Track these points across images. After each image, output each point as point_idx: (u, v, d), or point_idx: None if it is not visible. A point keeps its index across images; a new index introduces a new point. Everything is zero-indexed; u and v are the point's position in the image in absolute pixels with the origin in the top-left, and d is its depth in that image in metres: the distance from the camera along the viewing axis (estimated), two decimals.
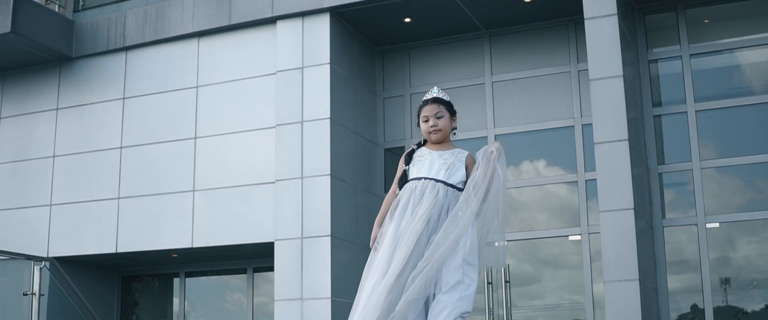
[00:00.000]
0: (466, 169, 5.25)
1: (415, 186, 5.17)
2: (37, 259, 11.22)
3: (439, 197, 5.11)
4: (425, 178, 5.18)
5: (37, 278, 10.62)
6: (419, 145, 5.44)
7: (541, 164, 12.21)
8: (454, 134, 5.43)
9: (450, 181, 5.17)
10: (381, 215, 5.30)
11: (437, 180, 5.15)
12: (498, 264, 5.45)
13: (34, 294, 10.56)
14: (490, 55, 12.56)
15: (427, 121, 5.33)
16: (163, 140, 12.82)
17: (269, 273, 13.02)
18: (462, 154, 5.32)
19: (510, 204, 12.19)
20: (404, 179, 5.28)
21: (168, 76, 13.00)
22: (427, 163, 5.25)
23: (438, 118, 5.31)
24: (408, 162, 5.35)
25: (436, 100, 5.36)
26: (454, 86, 12.60)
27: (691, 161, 11.34)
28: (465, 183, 5.21)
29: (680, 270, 11.34)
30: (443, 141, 5.36)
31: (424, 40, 12.88)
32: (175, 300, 14.40)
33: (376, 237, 5.24)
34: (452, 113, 5.39)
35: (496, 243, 5.40)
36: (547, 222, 12.05)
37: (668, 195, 11.58)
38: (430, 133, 5.34)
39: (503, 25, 12.44)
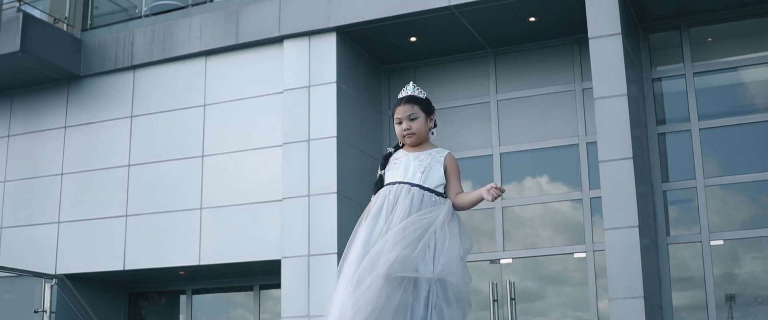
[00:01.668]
0: (445, 170, 4.76)
1: (390, 190, 4.69)
2: (48, 277, 11.29)
3: (415, 202, 4.61)
4: (399, 182, 4.69)
5: (48, 295, 10.69)
6: (396, 148, 4.96)
7: (546, 182, 12.27)
8: (433, 134, 4.94)
9: (426, 185, 4.68)
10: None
11: (412, 184, 4.67)
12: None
13: (45, 312, 10.62)
14: (495, 73, 12.65)
15: (400, 123, 4.83)
16: (171, 158, 12.89)
17: (276, 291, 13.06)
18: (440, 154, 4.82)
19: (516, 222, 12.25)
20: (380, 185, 4.82)
21: (175, 94, 13.09)
22: (402, 166, 4.76)
23: (411, 120, 4.81)
24: (383, 166, 4.88)
25: (409, 100, 4.85)
26: (459, 104, 12.69)
27: (695, 178, 11.40)
28: (444, 186, 4.75)
29: (685, 287, 11.38)
30: (419, 144, 4.87)
31: (430, 58, 12.97)
32: (182, 317, 14.44)
33: None
34: (429, 112, 4.88)
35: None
36: (552, 239, 12.10)
37: (672, 212, 11.63)
38: (403, 136, 4.85)
39: (508, 44, 12.53)
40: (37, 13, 14.04)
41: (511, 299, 12.01)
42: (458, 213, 4.76)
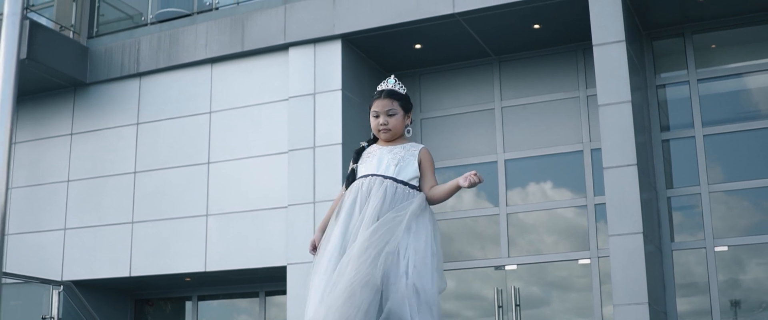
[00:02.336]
0: (420, 164, 4.66)
1: (362, 183, 4.58)
2: (55, 283, 11.34)
3: (388, 194, 4.51)
4: (373, 175, 4.60)
5: (55, 302, 10.75)
6: (370, 142, 4.86)
7: (550, 188, 12.31)
8: (408, 132, 4.80)
9: (400, 177, 4.58)
10: (325, 219, 4.76)
11: (386, 177, 4.57)
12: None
13: (53, 318, 10.67)
14: (499, 80, 12.70)
15: (377, 117, 4.74)
16: (177, 165, 12.94)
17: (281, 297, 13.10)
18: (415, 148, 4.71)
19: (521, 228, 12.29)
20: (352, 178, 4.72)
21: (181, 101, 13.14)
22: (375, 160, 4.67)
23: (389, 115, 4.71)
24: (356, 160, 4.79)
25: (390, 94, 4.74)
26: (464, 111, 12.74)
27: (699, 185, 11.43)
28: (419, 179, 4.65)
29: (689, 293, 11.41)
30: (394, 139, 4.78)
31: (435, 65, 13.01)
32: None
33: (315, 242, 4.70)
34: (407, 109, 4.78)
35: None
36: (556, 245, 12.13)
37: (677, 218, 11.66)
38: (379, 131, 4.76)
39: (513, 51, 12.57)
40: (43, 21, 14.11)
41: (516, 305, 12.04)
42: (432, 210, 4.64)
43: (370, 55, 12.67)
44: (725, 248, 11.28)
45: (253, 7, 13.01)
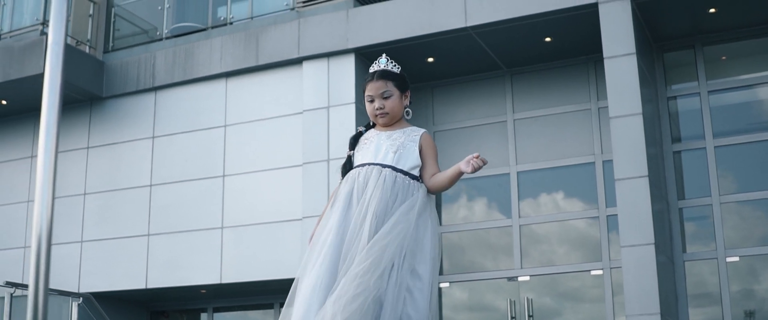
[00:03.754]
0: (421, 151, 4.30)
1: (359, 173, 4.23)
2: (75, 295, 11.44)
3: (387, 185, 4.15)
4: (370, 164, 4.24)
5: (74, 314, 10.85)
6: (368, 127, 4.52)
7: (562, 200, 12.37)
8: (408, 114, 4.45)
9: (399, 166, 4.22)
10: (324, 213, 4.36)
11: (384, 166, 4.21)
12: None
13: None
14: (511, 93, 12.77)
15: (371, 101, 4.39)
16: (192, 178, 13.05)
17: None
18: (416, 133, 4.35)
19: (533, 239, 12.35)
20: (349, 166, 4.36)
21: (196, 115, 13.26)
22: (373, 147, 4.32)
23: (385, 98, 4.36)
24: (353, 146, 4.45)
25: (382, 75, 4.39)
26: (476, 124, 12.81)
27: (710, 196, 11.48)
28: (420, 168, 4.28)
29: (702, 304, 11.44)
30: (393, 123, 4.42)
31: (447, 79, 13.09)
32: None
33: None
34: (403, 89, 4.42)
35: None
36: (569, 256, 12.19)
37: (689, 229, 11.71)
38: (376, 116, 4.40)
39: (524, 64, 12.65)
40: None
41: (529, 316, 12.09)
42: (433, 208, 4.31)
43: None
44: (737, 258, 11.31)
45: (267, 22, 13.13)
